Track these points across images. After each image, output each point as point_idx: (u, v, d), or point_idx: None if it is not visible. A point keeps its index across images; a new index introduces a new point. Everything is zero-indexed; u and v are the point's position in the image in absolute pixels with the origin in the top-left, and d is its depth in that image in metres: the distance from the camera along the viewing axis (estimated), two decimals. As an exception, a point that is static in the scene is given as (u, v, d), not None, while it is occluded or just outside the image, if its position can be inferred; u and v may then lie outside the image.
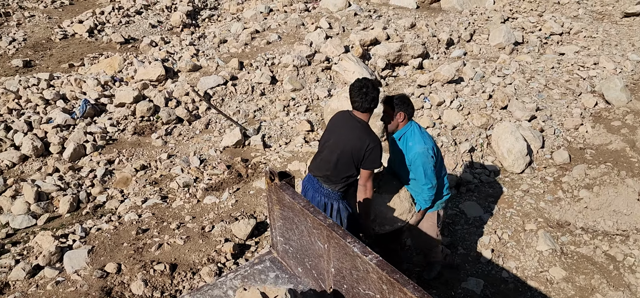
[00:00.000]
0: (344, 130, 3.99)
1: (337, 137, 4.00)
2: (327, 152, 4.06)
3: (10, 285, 4.70)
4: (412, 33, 10.28)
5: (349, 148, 3.89)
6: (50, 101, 8.29)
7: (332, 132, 4.09)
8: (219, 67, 9.26)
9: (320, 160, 4.12)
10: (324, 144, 4.13)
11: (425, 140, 4.16)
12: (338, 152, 3.95)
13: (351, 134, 3.92)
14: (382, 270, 2.17)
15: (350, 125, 3.97)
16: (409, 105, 4.19)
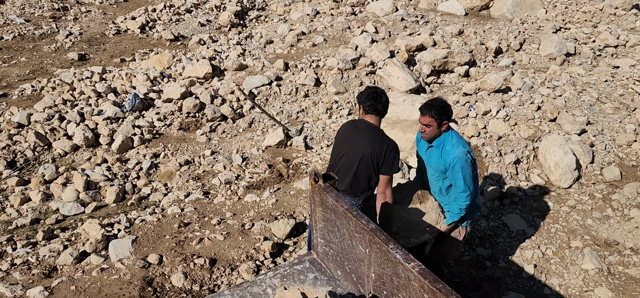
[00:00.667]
0: (360, 136, 3.92)
1: (354, 145, 3.92)
2: (345, 162, 3.96)
3: (58, 269, 4.88)
4: (459, 40, 10.12)
5: (368, 153, 3.81)
6: (102, 94, 8.58)
7: (347, 142, 4.01)
8: (265, 67, 9.37)
9: (338, 172, 3.96)
10: (339, 155, 4.02)
11: (464, 144, 4.02)
12: (358, 159, 3.86)
13: (369, 139, 3.85)
14: (424, 278, 2.13)
15: (366, 131, 3.91)
16: (450, 111, 4.01)
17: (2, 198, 6.23)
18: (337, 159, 4.04)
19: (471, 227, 4.39)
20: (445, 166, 4.00)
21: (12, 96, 8.91)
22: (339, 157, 4.02)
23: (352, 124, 4.07)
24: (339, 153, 4.02)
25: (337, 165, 4.01)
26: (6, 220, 5.85)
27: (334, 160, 4.07)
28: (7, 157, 6.95)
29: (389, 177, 3.87)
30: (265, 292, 3.04)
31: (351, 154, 3.91)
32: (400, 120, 6.81)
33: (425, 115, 3.95)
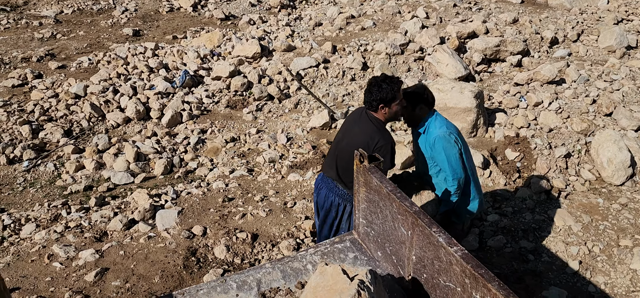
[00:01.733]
0: (356, 128, 3.87)
1: (350, 138, 3.87)
2: (339, 151, 3.94)
3: (108, 234, 5.09)
4: (513, 28, 9.83)
5: (358, 146, 3.67)
6: (154, 69, 8.81)
7: (346, 132, 3.97)
8: (313, 49, 9.39)
9: (333, 160, 4.00)
10: (338, 143, 4.00)
11: (448, 126, 3.90)
12: (349, 150, 3.73)
13: (361, 132, 3.78)
14: (466, 263, 2.11)
15: (362, 123, 3.83)
16: (428, 95, 3.95)
17: (58, 164, 6.53)
18: (335, 145, 4.04)
19: (470, 225, 4.25)
20: (430, 149, 3.91)
21: (70, 68, 9.28)
22: (336, 144, 4.03)
23: (357, 112, 4.00)
24: (338, 141, 4.02)
25: (335, 153, 4.01)
26: (62, 186, 6.14)
27: (333, 147, 4.07)
28: (65, 125, 7.27)
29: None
30: (305, 267, 3.08)
31: (345, 145, 3.87)
32: (448, 108, 6.71)
33: (404, 99, 3.92)
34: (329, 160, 4.09)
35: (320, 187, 4.14)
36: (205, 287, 2.96)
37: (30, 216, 5.43)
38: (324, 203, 4.10)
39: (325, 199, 4.08)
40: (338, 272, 2.26)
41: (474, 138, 6.78)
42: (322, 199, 4.11)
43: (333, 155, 4.04)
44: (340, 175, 3.95)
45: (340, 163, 3.93)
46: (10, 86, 8.40)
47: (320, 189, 4.13)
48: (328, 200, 4.06)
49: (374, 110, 3.77)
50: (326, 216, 4.12)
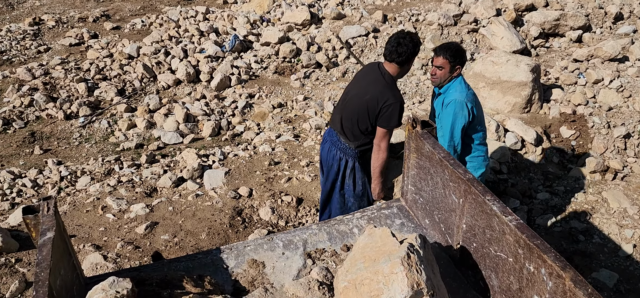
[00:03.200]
0: (365, 82, 3.76)
1: (358, 89, 3.78)
2: (347, 104, 3.85)
3: (158, 190, 5.23)
4: (575, 2, 9.37)
5: (366, 100, 3.65)
6: (205, 33, 8.90)
7: (355, 84, 3.88)
8: (363, 17, 9.25)
9: (339, 112, 3.93)
10: (346, 95, 3.92)
11: (468, 93, 3.80)
12: (357, 104, 3.73)
13: (372, 87, 3.68)
14: (521, 232, 2.04)
15: (373, 78, 3.73)
16: (465, 56, 3.89)
17: (112, 122, 6.73)
18: (343, 98, 3.96)
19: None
20: (443, 109, 3.86)
21: (124, 29, 9.49)
22: (345, 97, 3.93)
23: (369, 67, 3.92)
24: (347, 94, 3.92)
25: (341, 104, 3.95)
26: (115, 142, 6.33)
27: (342, 100, 3.97)
28: (118, 85, 7.46)
29: (385, 131, 3.70)
30: (351, 231, 3.07)
31: (353, 97, 3.80)
32: (502, 81, 6.50)
33: (439, 56, 3.84)
34: (336, 113, 4.02)
35: (325, 141, 4.11)
36: (252, 243, 3.00)
37: (86, 169, 5.64)
38: (327, 157, 4.06)
39: (328, 153, 4.04)
40: (387, 234, 2.24)
41: (528, 114, 6.56)
42: (325, 153, 4.08)
43: (340, 108, 3.96)
44: (344, 128, 3.88)
45: (345, 115, 3.86)
46: (68, 45, 8.68)
47: (325, 143, 4.09)
48: (330, 153, 4.02)
49: (393, 61, 3.67)
50: (329, 171, 4.07)
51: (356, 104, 3.76)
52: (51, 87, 7.25)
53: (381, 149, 3.75)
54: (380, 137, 3.73)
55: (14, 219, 4.60)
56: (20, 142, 6.20)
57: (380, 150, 3.75)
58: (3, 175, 5.41)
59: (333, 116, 4.05)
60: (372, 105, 3.65)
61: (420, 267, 2.06)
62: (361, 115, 3.74)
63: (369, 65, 3.94)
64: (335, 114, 4.01)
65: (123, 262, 4.11)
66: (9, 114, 6.63)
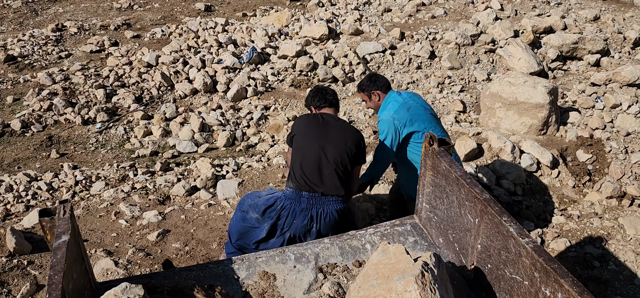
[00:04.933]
0: (334, 130, 3.64)
1: (329, 140, 3.58)
2: (323, 158, 3.53)
3: (171, 198, 5.26)
4: (593, 26, 9.31)
5: (350, 145, 3.58)
6: (223, 44, 8.98)
7: (312, 136, 3.60)
8: (380, 34, 9.27)
9: (318, 170, 3.53)
10: (313, 152, 3.54)
11: (395, 112, 4.03)
12: (339, 153, 3.54)
13: (346, 131, 3.67)
14: (538, 256, 2.01)
15: (338, 123, 3.73)
16: (378, 80, 4.21)
17: (128, 129, 6.79)
18: (310, 156, 3.55)
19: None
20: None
21: (144, 38, 9.61)
22: (313, 154, 3.55)
23: (316, 117, 3.73)
24: (313, 150, 3.56)
25: (312, 162, 3.54)
26: (130, 149, 6.38)
27: (306, 159, 3.55)
28: (136, 92, 7.54)
29: (361, 165, 3.80)
30: (363, 246, 3.05)
31: (331, 149, 3.55)
32: (518, 102, 6.45)
33: (358, 92, 4.37)
34: (315, 171, 3.53)
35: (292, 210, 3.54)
36: (264, 255, 2.99)
37: (101, 175, 5.68)
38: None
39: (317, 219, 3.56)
40: (401, 251, 2.22)
41: (544, 136, 6.50)
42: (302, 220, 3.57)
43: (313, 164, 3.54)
44: (333, 183, 3.55)
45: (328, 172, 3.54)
46: (89, 51, 8.80)
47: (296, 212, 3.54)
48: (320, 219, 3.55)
49: (332, 106, 3.93)
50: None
51: (339, 156, 3.57)
52: (70, 92, 7.35)
53: (355, 186, 3.90)
54: (358, 175, 3.85)
55: (28, 221, 4.64)
56: (37, 145, 6.28)
57: (355, 187, 3.92)
58: (19, 177, 5.47)
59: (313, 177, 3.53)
60: (355, 147, 3.64)
61: (434, 287, 2.03)
62: (346, 163, 3.60)
63: (310, 118, 3.76)
64: (315, 173, 3.54)
65: (134, 269, 4.12)
66: (28, 117, 6.72)
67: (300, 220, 3.51)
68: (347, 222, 3.63)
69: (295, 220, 3.52)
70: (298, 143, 3.64)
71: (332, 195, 3.52)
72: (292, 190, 3.54)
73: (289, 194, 3.54)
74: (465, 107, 7.49)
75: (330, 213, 3.53)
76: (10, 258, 4.09)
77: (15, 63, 8.31)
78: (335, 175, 3.53)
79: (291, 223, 3.53)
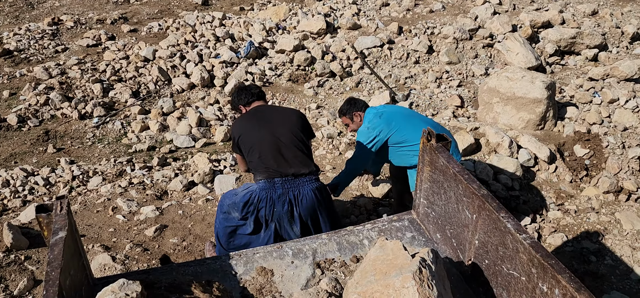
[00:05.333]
0: (275, 115, 3.72)
1: (276, 125, 3.62)
2: (281, 144, 3.55)
3: (168, 193, 5.25)
4: (592, 20, 9.31)
5: (295, 122, 3.67)
6: (220, 38, 8.95)
7: (260, 129, 3.60)
8: (378, 29, 9.26)
9: (292, 155, 3.56)
10: (265, 142, 3.55)
11: (370, 122, 4.20)
12: (292, 134, 3.60)
13: (285, 112, 3.79)
14: (536, 252, 2.02)
15: (274, 108, 3.87)
16: (357, 102, 4.43)
17: (125, 123, 6.77)
18: (267, 146, 3.55)
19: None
20: None
21: (141, 32, 9.57)
22: (268, 143, 3.56)
23: (251, 113, 3.78)
24: (267, 139, 3.56)
25: (272, 150, 3.55)
26: (127, 144, 6.37)
27: (265, 151, 3.55)
28: (133, 87, 7.52)
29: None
30: (361, 242, 3.05)
31: (282, 131, 3.58)
32: (516, 97, 6.45)
33: (340, 118, 4.57)
34: (275, 156, 3.54)
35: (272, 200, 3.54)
36: (262, 251, 2.99)
37: (98, 169, 5.67)
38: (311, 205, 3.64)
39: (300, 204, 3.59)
40: (399, 247, 2.22)
41: (542, 131, 6.50)
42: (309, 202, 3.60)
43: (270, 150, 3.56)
44: (304, 154, 3.63)
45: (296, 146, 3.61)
46: (85, 45, 8.77)
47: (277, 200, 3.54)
48: (304, 202, 3.58)
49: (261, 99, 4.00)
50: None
51: (294, 136, 3.62)
52: (67, 86, 7.32)
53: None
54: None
55: (25, 216, 4.63)
56: (34, 140, 6.26)
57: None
58: (16, 172, 5.46)
59: (276, 163, 3.54)
60: (302, 123, 3.74)
61: (431, 283, 2.03)
62: (305, 139, 3.70)
63: (252, 112, 3.80)
64: (278, 158, 3.55)
65: (131, 264, 4.12)
66: (25, 112, 6.70)
67: (281, 207, 3.52)
68: (327, 198, 3.72)
69: (275, 208, 3.52)
70: (247, 142, 3.62)
71: (304, 175, 3.55)
72: (264, 181, 3.53)
73: (262, 185, 3.53)
74: (463, 102, 7.49)
75: (307, 194, 3.55)
76: (8, 253, 4.09)
77: (11, 57, 8.27)
78: (298, 152, 3.58)
79: (272, 212, 3.53)
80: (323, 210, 3.66)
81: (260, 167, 3.55)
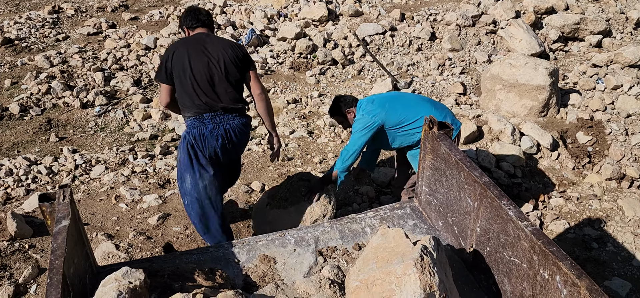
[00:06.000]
0: (209, 45, 3.53)
1: (208, 55, 3.48)
2: (209, 79, 3.47)
3: (170, 181, 5.26)
4: (596, 6, 9.25)
5: (229, 57, 3.50)
6: (222, 26, 8.92)
7: (193, 57, 3.47)
8: (380, 15, 9.21)
9: (211, 90, 3.48)
10: (193, 72, 3.45)
11: (365, 112, 4.15)
12: (222, 66, 3.48)
13: (221, 43, 3.57)
14: (537, 239, 2.02)
15: (210, 38, 3.60)
16: (346, 99, 4.38)
17: (127, 112, 6.77)
18: (200, 75, 3.46)
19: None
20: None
21: (142, 20, 9.54)
22: (193, 75, 3.45)
23: (189, 38, 3.63)
24: (201, 68, 3.46)
25: (204, 80, 3.46)
26: (129, 132, 6.37)
27: (198, 79, 3.45)
28: (134, 75, 7.51)
29: (255, 72, 3.68)
30: (363, 230, 3.06)
31: (216, 62, 3.48)
32: (519, 84, 6.43)
33: (332, 118, 4.53)
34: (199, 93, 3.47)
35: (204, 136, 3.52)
36: (264, 238, 3.00)
37: (100, 158, 5.68)
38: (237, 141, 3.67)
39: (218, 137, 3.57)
40: (401, 235, 2.22)
41: (544, 118, 6.49)
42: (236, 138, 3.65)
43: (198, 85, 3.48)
44: (230, 92, 3.54)
45: (216, 86, 3.51)
46: (86, 34, 8.75)
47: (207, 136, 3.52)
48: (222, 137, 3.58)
49: (205, 26, 3.72)
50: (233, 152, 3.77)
51: (224, 68, 3.50)
52: (68, 75, 7.31)
53: (262, 90, 3.70)
54: (256, 80, 3.66)
55: (28, 205, 4.65)
56: (36, 129, 6.27)
57: (263, 92, 3.70)
58: (19, 161, 5.47)
59: (198, 101, 3.47)
60: (237, 55, 3.55)
61: (433, 270, 2.04)
62: (236, 72, 3.55)
63: (184, 41, 3.63)
64: (201, 95, 3.47)
65: (135, 252, 4.14)
66: (26, 101, 6.70)
67: (213, 141, 3.52)
68: (248, 135, 3.78)
69: (209, 143, 3.52)
70: (177, 67, 3.47)
71: (232, 112, 3.55)
72: (193, 118, 3.50)
73: (191, 123, 3.51)
74: (466, 89, 7.46)
75: (238, 127, 3.60)
76: (12, 242, 4.11)
77: (12, 46, 8.26)
78: (230, 87, 3.53)
79: (206, 145, 3.52)
80: (240, 150, 3.83)
81: (188, 101, 3.48)
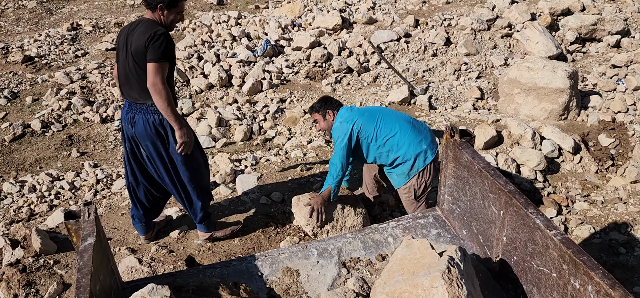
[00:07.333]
0: (129, 37, 3.58)
1: (126, 47, 3.59)
2: (125, 67, 3.62)
3: (190, 194, 5.27)
4: (613, 6, 9.13)
5: (134, 48, 3.48)
6: (237, 38, 8.98)
7: (122, 45, 3.65)
8: (394, 22, 9.20)
9: (125, 77, 3.64)
10: (119, 63, 3.70)
11: (343, 119, 4.14)
12: (131, 59, 3.53)
13: (134, 34, 3.53)
14: (567, 248, 1.98)
15: (133, 29, 3.59)
16: (332, 101, 4.36)
17: (146, 125, 6.82)
18: (119, 69, 3.72)
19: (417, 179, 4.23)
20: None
21: (158, 34, 9.63)
22: (119, 65, 3.71)
23: (127, 26, 3.72)
24: (119, 61, 3.71)
25: (122, 70, 3.66)
26: (149, 146, 6.41)
27: (119, 68, 3.70)
28: (152, 89, 7.57)
29: (157, 65, 3.43)
30: (386, 240, 3.04)
31: (126, 55, 3.59)
32: (538, 88, 6.36)
33: (311, 114, 4.47)
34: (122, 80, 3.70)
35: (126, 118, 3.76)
36: (287, 251, 2.99)
37: (121, 172, 5.73)
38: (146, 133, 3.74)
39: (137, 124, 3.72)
40: (426, 246, 2.20)
41: (565, 121, 6.40)
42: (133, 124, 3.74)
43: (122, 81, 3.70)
44: (138, 86, 3.60)
45: (131, 79, 3.62)
46: (104, 49, 8.87)
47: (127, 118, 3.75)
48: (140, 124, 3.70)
49: (152, 10, 3.59)
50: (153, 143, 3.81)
51: (133, 58, 3.53)
52: (88, 90, 7.41)
53: (157, 87, 3.45)
54: (152, 74, 3.44)
55: (52, 221, 4.70)
56: (58, 145, 6.35)
57: (157, 88, 3.46)
58: (42, 177, 5.54)
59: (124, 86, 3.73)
60: (140, 49, 3.46)
61: (461, 281, 2.01)
62: (140, 66, 3.53)
63: (129, 24, 3.74)
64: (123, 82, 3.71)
65: (157, 266, 4.16)
66: (48, 117, 6.80)
67: (127, 125, 3.77)
68: (165, 135, 3.74)
69: (124, 125, 3.80)
70: (116, 54, 3.77)
71: (144, 103, 3.65)
72: (124, 100, 3.78)
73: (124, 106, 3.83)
74: (483, 93, 7.40)
75: (145, 120, 3.67)
76: (37, 258, 4.16)
77: (32, 63, 8.40)
78: (134, 81, 3.60)
79: (125, 128, 3.81)
80: (166, 152, 3.82)
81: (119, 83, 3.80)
